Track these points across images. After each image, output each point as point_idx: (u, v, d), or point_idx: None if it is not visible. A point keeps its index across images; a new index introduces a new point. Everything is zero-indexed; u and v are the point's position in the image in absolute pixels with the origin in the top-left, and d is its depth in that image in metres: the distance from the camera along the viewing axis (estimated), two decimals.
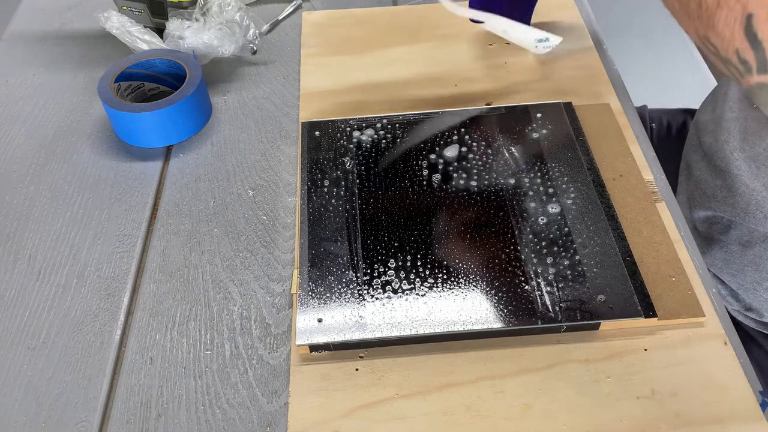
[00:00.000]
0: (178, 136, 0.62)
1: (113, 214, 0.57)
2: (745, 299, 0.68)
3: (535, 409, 0.43)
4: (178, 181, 0.60)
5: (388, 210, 0.53)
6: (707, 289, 0.49)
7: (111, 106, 0.60)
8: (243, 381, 0.46)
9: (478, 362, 0.46)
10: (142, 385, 0.46)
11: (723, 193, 0.65)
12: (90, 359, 0.48)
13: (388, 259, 0.49)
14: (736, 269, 0.67)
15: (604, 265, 0.48)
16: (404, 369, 0.45)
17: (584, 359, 0.46)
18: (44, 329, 0.49)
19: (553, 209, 0.52)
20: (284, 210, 0.57)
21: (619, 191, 0.55)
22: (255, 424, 0.44)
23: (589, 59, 0.68)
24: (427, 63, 0.69)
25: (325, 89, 0.67)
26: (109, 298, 0.51)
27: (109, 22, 0.67)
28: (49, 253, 0.54)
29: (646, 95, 0.87)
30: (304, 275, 0.49)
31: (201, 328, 0.49)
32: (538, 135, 0.58)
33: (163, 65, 0.65)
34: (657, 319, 0.46)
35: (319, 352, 0.46)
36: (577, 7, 0.75)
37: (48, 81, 0.70)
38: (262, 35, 0.74)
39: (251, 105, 0.67)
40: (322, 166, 0.57)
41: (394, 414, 0.43)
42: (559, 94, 0.64)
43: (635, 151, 0.58)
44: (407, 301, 0.47)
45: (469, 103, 0.64)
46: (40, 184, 0.60)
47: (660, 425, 0.42)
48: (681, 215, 0.54)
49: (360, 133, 0.59)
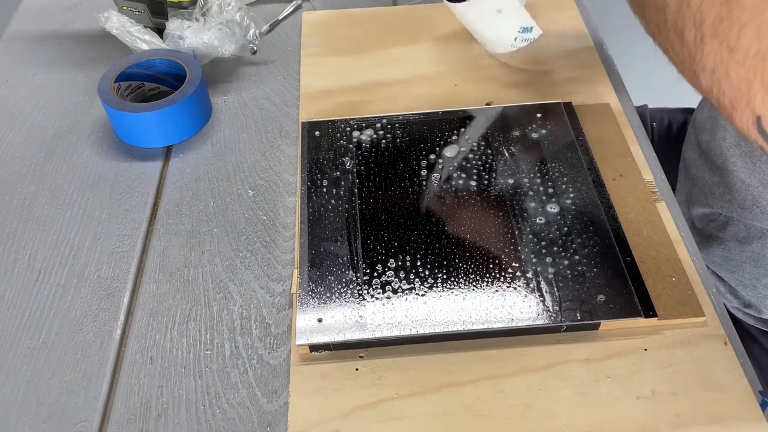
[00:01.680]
0: (178, 136, 0.62)
1: (113, 214, 0.57)
2: (744, 296, 0.68)
3: (535, 409, 0.43)
4: (178, 181, 0.60)
5: (388, 210, 0.53)
6: (707, 288, 0.49)
7: (111, 106, 0.60)
8: (243, 381, 0.46)
9: (478, 362, 0.46)
10: (142, 385, 0.46)
11: (720, 189, 0.65)
12: (90, 359, 0.48)
13: (388, 259, 0.49)
14: (734, 266, 0.67)
15: (604, 265, 0.48)
16: (404, 369, 0.45)
17: (584, 359, 0.46)
18: (44, 329, 0.49)
19: (552, 209, 0.52)
20: (284, 210, 0.57)
21: (619, 191, 0.55)
22: (255, 424, 0.44)
23: (589, 59, 0.68)
24: (427, 63, 0.69)
25: (325, 89, 0.67)
26: (109, 298, 0.51)
27: (109, 22, 0.67)
28: (49, 253, 0.54)
29: (646, 95, 0.87)
30: (304, 275, 0.49)
31: (201, 328, 0.49)
32: (538, 135, 0.58)
33: (163, 65, 0.65)
34: (657, 319, 0.46)
35: (319, 352, 0.46)
36: (577, 7, 0.75)
37: (48, 81, 0.70)
38: (262, 35, 0.74)
39: (251, 105, 0.67)
40: (322, 166, 0.57)
41: (394, 414, 0.43)
42: (559, 94, 0.64)
43: (635, 151, 0.58)
44: (407, 301, 0.47)
45: (469, 103, 0.64)
46: (40, 184, 0.60)
47: (660, 425, 0.42)
48: (681, 215, 0.54)
49: (360, 133, 0.59)
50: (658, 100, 0.89)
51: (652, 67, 0.89)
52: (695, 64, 0.38)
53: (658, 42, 0.43)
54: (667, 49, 0.41)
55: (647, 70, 0.98)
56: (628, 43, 0.93)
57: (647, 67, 0.97)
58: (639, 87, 0.83)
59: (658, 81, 0.83)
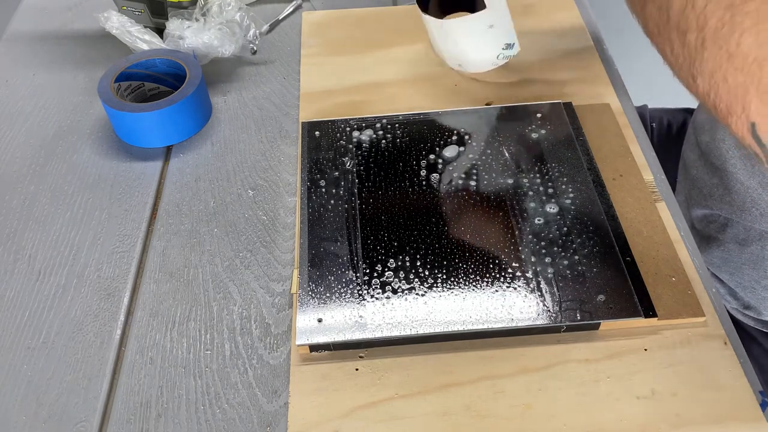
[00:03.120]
0: (178, 136, 0.62)
1: (113, 214, 0.57)
2: (743, 297, 0.68)
3: (535, 409, 0.43)
4: (178, 181, 0.60)
5: (388, 210, 0.53)
6: (707, 289, 0.49)
7: (111, 106, 0.60)
8: (243, 381, 0.46)
9: (478, 362, 0.46)
10: (142, 385, 0.46)
11: (719, 191, 0.65)
12: (90, 359, 0.48)
13: (388, 259, 0.49)
14: (734, 268, 0.67)
15: (604, 265, 0.48)
16: (404, 369, 0.45)
17: (584, 359, 0.46)
18: (44, 329, 0.49)
19: (552, 209, 0.52)
20: (284, 210, 0.57)
21: (619, 191, 0.55)
22: (255, 424, 0.44)
23: (589, 59, 0.68)
24: (427, 63, 0.69)
25: (325, 89, 0.67)
26: (109, 298, 0.51)
27: (109, 22, 0.67)
28: (49, 253, 0.54)
29: (646, 95, 0.87)
30: (304, 275, 0.49)
31: (201, 328, 0.49)
32: (538, 135, 0.58)
33: (163, 65, 0.65)
34: (657, 319, 0.46)
35: (319, 352, 0.46)
36: (577, 7, 0.75)
37: (48, 81, 0.70)
38: (262, 35, 0.74)
39: (251, 105, 0.67)
40: (322, 166, 0.57)
41: (394, 414, 0.43)
42: (559, 94, 0.64)
43: (635, 151, 0.58)
44: (407, 301, 0.47)
45: (468, 103, 0.64)
46: (40, 184, 0.60)
47: (660, 425, 0.42)
48: (681, 215, 0.55)
49: (360, 133, 0.59)
50: (658, 101, 0.89)
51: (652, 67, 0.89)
52: (694, 68, 0.38)
53: (656, 42, 0.42)
54: (665, 50, 0.41)
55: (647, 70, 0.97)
56: (628, 43, 0.93)
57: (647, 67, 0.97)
58: (639, 87, 0.83)
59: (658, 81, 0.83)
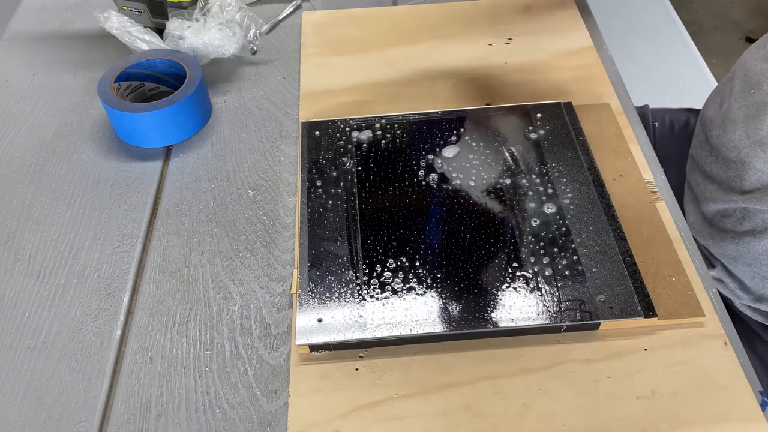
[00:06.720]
0: (178, 136, 0.62)
1: (113, 214, 0.57)
2: (757, 290, 0.68)
3: (535, 409, 0.43)
4: (178, 181, 0.60)
5: (388, 210, 0.53)
6: (707, 289, 0.49)
7: (111, 106, 0.60)
8: (243, 381, 0.46)
9: (478, 362, 0.46)
10: (142, 385, 0.46)
11: (735, 183, 0.66)
12: (90, 359, 0.48)
13: (388, 259, 0.49)
14: (751, 258, 0.67)
15: (604, 265, 0.48)
16: (404, 369, 0.45)
17: (584, 359, 0.46)
18: (44, 329, 0.49)
19: (552, 209, 0.52)
20: (284, 210, 0.57)
21: (619, 191, 0.55)
22: (255, 424, 0.44)
23: (589, 59, 0.68)
24: (428, 63, 0.69)
25: (325, 89, 0.67)
26: (109, 298, 0.51)
27: (109, 22, 0.67)
28: (49, 253, 0.54)
29: (646, 95, 0.87)
30: (304, 275, 0.49)
31: (201, 328, 0.49)
32: (538, 135, 0.58)
33: (163, 65, 0.65)
34: (657, 319, 0.46)
35: (319, 352, 0.46)
36: (577, 7, 0.75)
37: (48, 81, 0.70)
38: (262, 35, 0.74)
39: (251, 105, 0.67)
40: (322, 166, 0.57)
41: (393, 414, 0.43)
42: (559, 94, 0.64)
43: (635, 151, 0.58)
44: (407, 301, 0.47)
45: (468, 103, 0.64)
46: (40, 184, 0.60)
47: (660, 425, 0.42)
48: (681, 215, 0.55)
49: (359, 133, 0.59)
50: (659, 100, 0.89)
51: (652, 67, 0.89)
52: None
53: None
54: None
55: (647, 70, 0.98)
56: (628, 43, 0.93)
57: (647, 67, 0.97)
58: (639, 87, 0.83)
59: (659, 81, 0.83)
